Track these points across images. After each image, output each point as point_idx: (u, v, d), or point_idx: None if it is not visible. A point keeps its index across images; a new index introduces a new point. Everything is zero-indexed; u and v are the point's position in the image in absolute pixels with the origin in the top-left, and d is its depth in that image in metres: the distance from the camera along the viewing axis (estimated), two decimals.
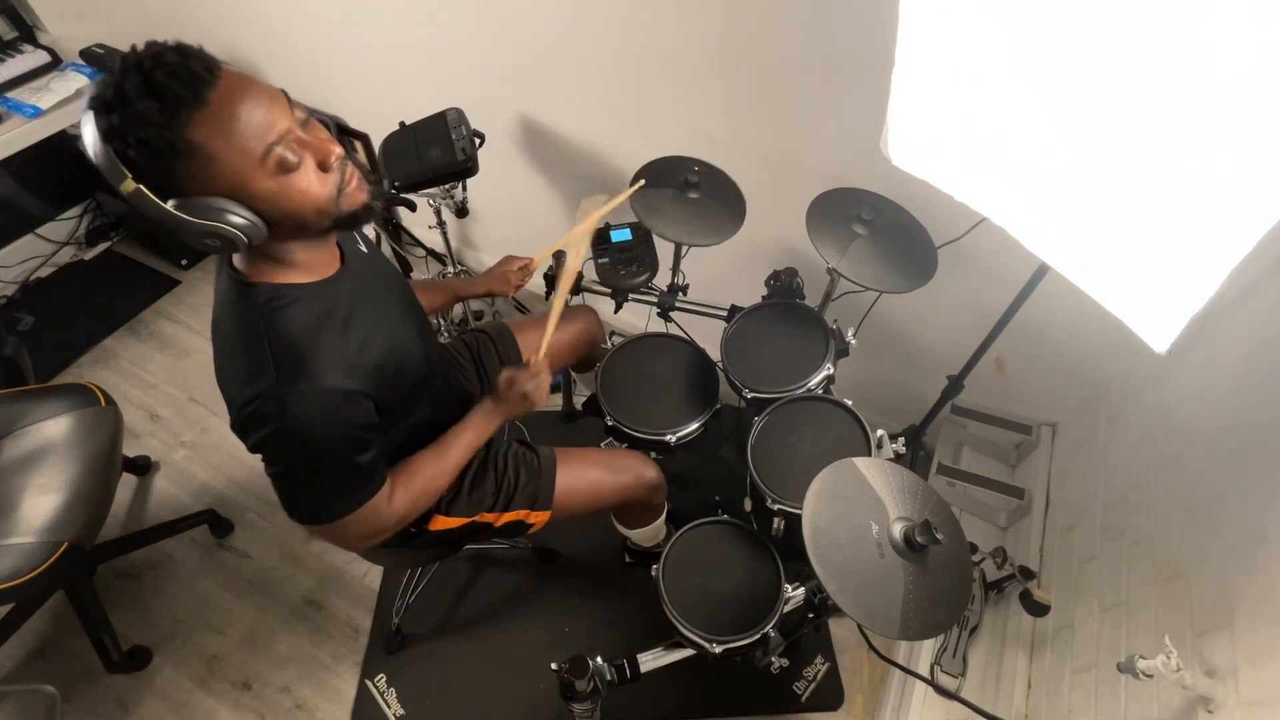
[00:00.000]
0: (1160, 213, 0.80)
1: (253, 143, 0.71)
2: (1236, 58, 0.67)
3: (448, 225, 1.93)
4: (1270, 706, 0.82)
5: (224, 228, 0.72)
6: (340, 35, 1.85)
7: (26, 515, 1.36)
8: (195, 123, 0.68)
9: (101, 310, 2.37)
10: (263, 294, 0.82)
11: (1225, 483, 1.06)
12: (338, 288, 0.89)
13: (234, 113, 0.69)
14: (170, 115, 0.67)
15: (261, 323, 0.81)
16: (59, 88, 1.95)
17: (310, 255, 0.86)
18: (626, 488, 1.34)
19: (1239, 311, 1.15)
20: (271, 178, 0.74)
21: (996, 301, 1.29)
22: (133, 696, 1.63)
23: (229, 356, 0.85)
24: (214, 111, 0.68)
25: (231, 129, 0.69)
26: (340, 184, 0.80)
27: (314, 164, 0.77)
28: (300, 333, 0.82)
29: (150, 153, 0.68)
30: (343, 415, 0.84)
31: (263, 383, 0.79)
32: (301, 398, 0.80)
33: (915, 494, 0.97)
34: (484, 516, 1.23)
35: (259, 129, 0.71)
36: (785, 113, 1.43)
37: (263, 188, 0.73)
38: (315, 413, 0.81)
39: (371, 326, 0.91)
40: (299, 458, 0.85)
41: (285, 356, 0.80)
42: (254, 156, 0.71)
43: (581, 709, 1.19)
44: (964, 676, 1.43)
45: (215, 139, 0.69)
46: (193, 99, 0.67)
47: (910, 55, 1.01)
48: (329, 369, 0.82)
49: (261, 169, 0.72)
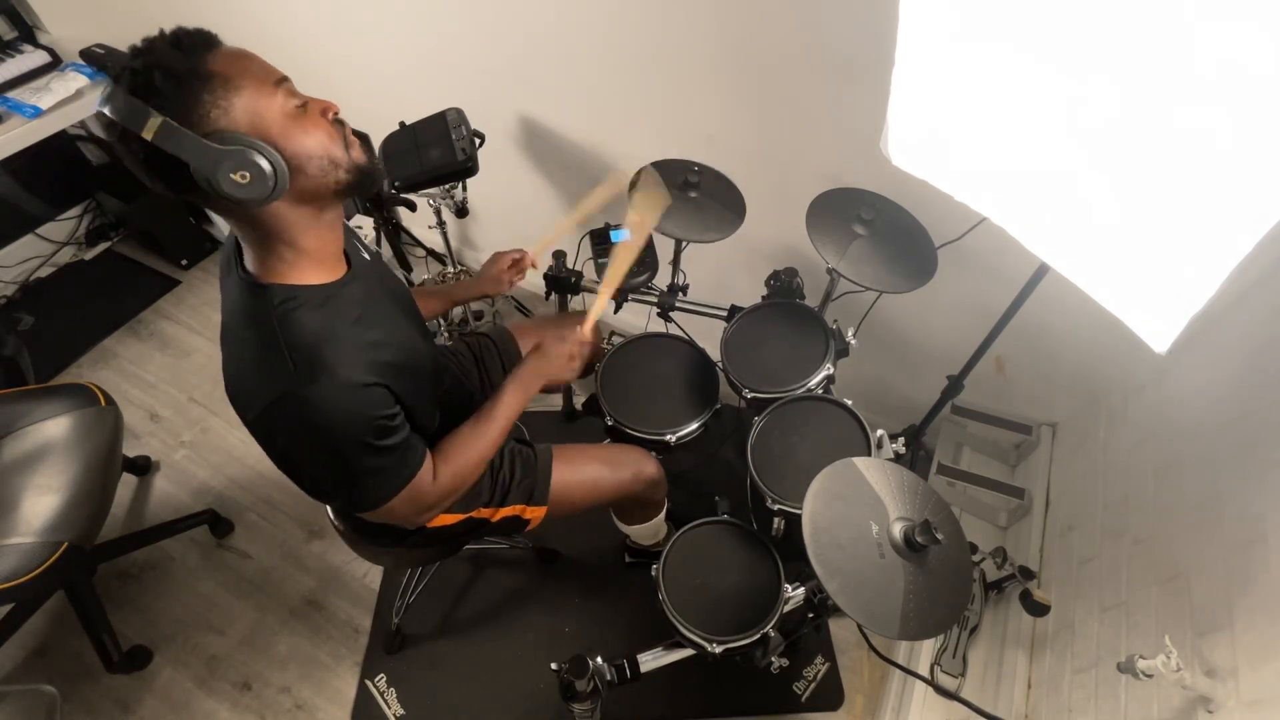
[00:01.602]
0: (1160, 213, 0.80)
1: (264, 75, 0.77)
2: (1238, 57, 0.67)
3: (448, 225, 1.93)
4: (1270, 706, 0.82)
5: (254, 155, 0.74)
6: (340, 35, 1.85)
7: (26, 515, 1.36)
8: (212, 57, 0.74)
9: (101, 310, 2.37)
10: (276, 295, 0.82)
11: (1225, 483, 1.06)
12: (348, 290, 0.89)
13: (243, 54, 0.78)
14: (189, 52, 0.73)
15: (276, 324, 0.81)
16: (59, 88, 1.95)
17: (321, 245, 0.86)
18: (625, 483, 1.34)
19: (1239, 311, 1.15)
20: (290, 118, 0.78)
21: (996, 301, 1.29)
22: (133, 696, 1.63)
23: (243, 359, 0.85)
24: (226, 52, 0.76)
25: (244, 64, 0.77)
26: (344, 137, 0.84)
27: (318, 110, 0.82)
28: (316, 332, 0.82)
29: (175, 81, 0.71)
30: (364, 407, 0.85)
31: (281, 383, 0.80)
32: (322, 395, 0.80)
33: (915, 494, 0.97)
34: (480, 512, 1.23)
35: (266, 68, 0.79)
36: (785, 113, 1.43)
37: (280, 119, 0.77)
38: (337, 408, 0.82)
39: (382, 329, 0.92)
40: (329, 453, 0.85)
41: (302, 356, 0.81)
42: (268, 83, 0.77)
43: (581, 709, 1.19)
44: (964, 676, 1.43)
45: (232, 67, 0.75)
46: (205, 45, 0.75)
47: (910, 55, 1.01)
48: (346, 365, 0.83)
49: (275, 96, 0.77)
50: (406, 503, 0.95)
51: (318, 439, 0.83)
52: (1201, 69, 0.70)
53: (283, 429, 0.82)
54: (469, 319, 2.15)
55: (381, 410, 0.87)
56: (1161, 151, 0.77)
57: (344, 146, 0.83)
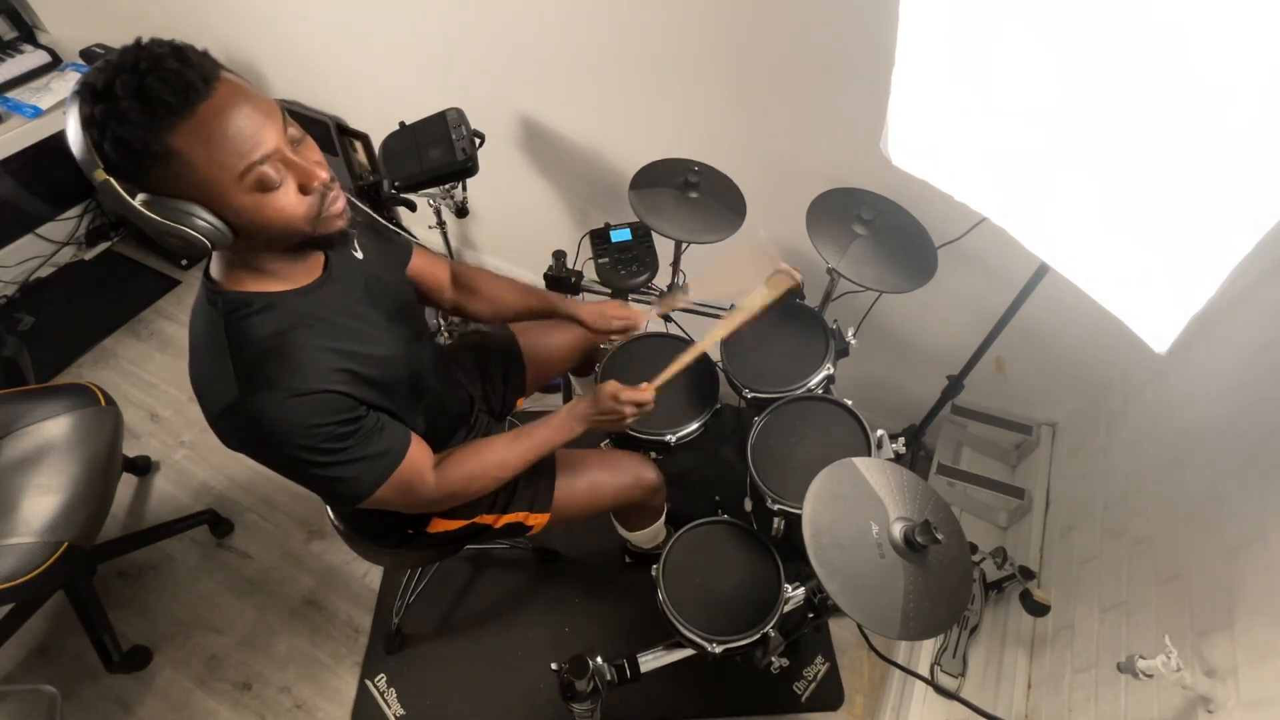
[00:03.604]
0: (1161, 213, 0.80)
1: (234, 159, 0.69)
2: (1238, 57, 0.67)
3: (448, 225, 1.93)
4: (1270, 706, 0.82)
5: (187, 230, 0.71)
6: (340, 35, 1.85)
7: (26, 515, 1.36)
8: (179, 130, 0.67)
9: (101, 310, 2.37)
10: (228, 303, 0.80)
11: (1225, 483, 1.06)
12: (314, 296, 0.87)
13: (222, 127, 0.68)
14: (153, 119, 0.65)
15: (223, 333, 0.80)
16: (59, 88, 1.95)
17: (285, 265, 0.84)
18: (626, 489, 1.34)
19: (1239, 311, 1.15)
20: (247, 194, 0.72)
21: (996, 301, 1.29)
22: (133, 696, 1.63)
23: (196, 366, 0.84)
24: (201, 121, 0.67)
25: (215, 142, 0.68)
26: (320, 207, 0.78)
27: (295, 185, 0.76)
28: (262, 342, 0.80)
29: (125, 151, 0.66)
30: (309, 415, 0.81)
31: (227, 395, 0.79)
32: (263, 409, 0.79)
33: (915, 494, 0.97)
34: (483, 518, 1.23)
35: (244, 146, 0.70)
36: (785, 113, 1.43)
37: (235, 201, 0.72)
38: (281, 418, 0.80)
39: (349, 335, 0.88)
40: (285, 460, 0.84)
41: (246, 367, 0.79)
42: (233, 172, 0.70)
43: (581, 709, 1.19)
44: (964, 676, 1.43)
45: (196, 148, 0.68)
46: (181, 106, 0.66)
47: (910, 55, 1.01)
48: (293, 375, 0.80)
49: (239, 185, 0.71)
50: (397, 492, 0.92)
51: (269, 448, 0.82)
52: (1201, 68, 0.70)
53: (237, 437, 0.81)
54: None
55: (331, 417, 0.83)
56: (1162, 151, 0.77)
57: (312, 221, 0.78)
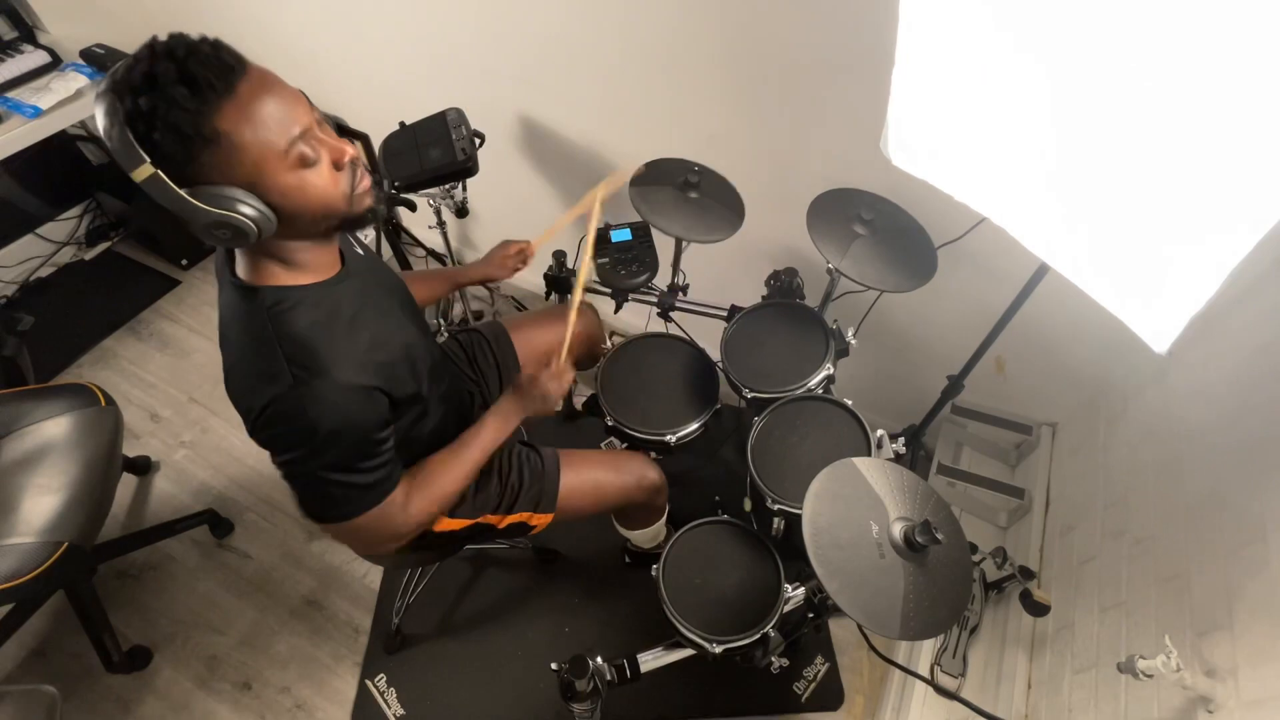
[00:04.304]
0: (1161, 213, 0.80)
1: (277, 136, 0.72)
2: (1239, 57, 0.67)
3: (448, 225, 1.93)
4: (1270, 706, 0.82)
5: (236, 217, 0.72)
6: (340, 35, 1.85)
7: (26, 515, 1.36)
8: (223, 112, 0.69)
9: (101, 310, 2.37)
10: (268, 297, 0.82)
11: (1225, 483, 1.06)
12: (341, 288, 0.89)
13: (262, 105, 0.71)
14: (202, 102, 0.67)
15: (270, 326, 0.81)
16: (59, 88, 1.95)
17: (313, 255, 0.86)
18: (628, 489, 1.34)
19: (1239, 311, 1.15)
20: (291, 171, 0.75)
21: (996, 301, 1.29)
22: (133, 696, 1.63)
23: (241, 363, 0.84)
24: (243, 102, 0.70)
25: (259, 120, 0.71)
26: (352, 184, 0.81)
27: (329, 162, 0.78)
28: (309, 332, 0.82)
29: (178, 138, 0.68)
30: (360, 412, 0.85)
31: (279, 384, 0.80)
32: (319, 395, 0.80)
33: (915, 494, 0.97)
34: (488, 518, 1.23)
35: (284, 122, 0.73)
36: (785, 113, 1.43)
37: (281, 181, 0.74)
38: (333, 410, 0.82)
39: (378, 326, 0.91)
40: (313, 455, 0.84)
41: (298, 356, 0.81)
42: (277, 149, 0.73)
43: (581, 709, 1.19)
44: (964, 676, 1.43)
45: (243, 128, 0.70)
46: (224, 88, 0.68)
47: (910, 55, 1.01)
48: (342, 366, 0.83)
49: (283, 162, 0.74)
50: (374, 523, 0.93)
51: (306, 439, 0.82)
52: (1201, 67, 0.70)
53: (276, 426, 0.82)
54: (469, 318, 2.15)
55: (374, 420, 0.86)
56: (1162, 151, 0.77)
57: (348, 198, 0.81)
